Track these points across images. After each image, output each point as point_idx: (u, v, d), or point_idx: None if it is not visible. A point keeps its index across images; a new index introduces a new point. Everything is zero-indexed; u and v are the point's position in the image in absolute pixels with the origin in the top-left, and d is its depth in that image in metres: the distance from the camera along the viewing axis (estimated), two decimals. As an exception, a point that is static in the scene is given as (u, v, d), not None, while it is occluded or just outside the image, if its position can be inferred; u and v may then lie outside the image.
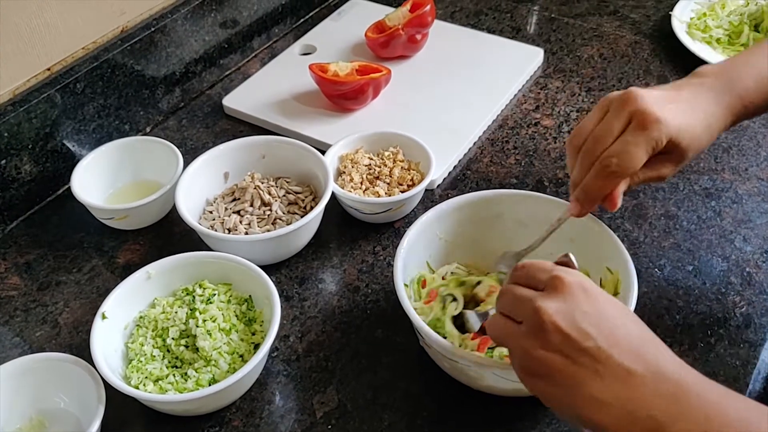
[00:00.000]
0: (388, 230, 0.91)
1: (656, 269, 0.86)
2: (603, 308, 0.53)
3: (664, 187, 0.95)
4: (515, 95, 1.12)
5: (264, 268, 0.80)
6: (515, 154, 1.02)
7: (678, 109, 0.66)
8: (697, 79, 0.72)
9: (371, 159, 0.93)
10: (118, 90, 1.01)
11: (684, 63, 1.16)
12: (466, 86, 1.11)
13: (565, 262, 0.61)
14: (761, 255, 0.86)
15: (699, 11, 1.24)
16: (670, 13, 1.24)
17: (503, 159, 1.01)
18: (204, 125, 1.09)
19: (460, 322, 0.72)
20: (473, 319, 0.71)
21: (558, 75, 1.16)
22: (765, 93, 0.71)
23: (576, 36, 1.24)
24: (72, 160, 0.97)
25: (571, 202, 0.72)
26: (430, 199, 0.95)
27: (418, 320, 0.68)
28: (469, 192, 0.95)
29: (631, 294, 0.69)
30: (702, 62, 1.13)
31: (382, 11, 1.24)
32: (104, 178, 0.94)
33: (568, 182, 0.96)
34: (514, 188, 0.96)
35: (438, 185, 0.97)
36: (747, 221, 0.91)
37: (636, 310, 0.65)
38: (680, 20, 1.22)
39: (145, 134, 1.07)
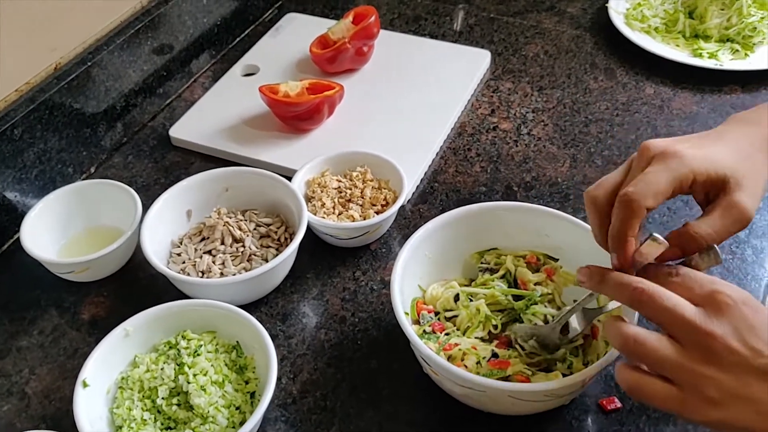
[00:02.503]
0: (365, 253, 0.89)
1: (638, 266, 0.86)
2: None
3: (631, 182, 0.96)
4: (469, 100, 1.10)
5: (242, 308, 0.76)
6: (479, 162, 1.00)
7: (697, 144, 0.62)
8: (719, 126, 0.68)
9: (340, 181, 0.90)
10: (58, 132, 0.94)
11: (627, 54, 1.17)
12: (419, 95, 1.09)
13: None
14: (733, 240, 0.88)
15: (633, 1, 1.26)
16: (606, 5, 1.25)
17: (468, 167, 1.00)
18: (152, 160, 1.03)
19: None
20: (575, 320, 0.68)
21: (507, 76, 1.15)
22: None
23: (518, 35, 1.24)
24: (15, 212, 0.90)
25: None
26: (402, 215, 0.93)
27: (426, 350, 0.66)
28: (439, 205, 0.94)
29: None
30: (644, 52, 1.15)
31: (322, 24, 1.21)
32: (56, 228, 0.87)
33: (537, 186, 0.96)
34: (484, 196, 0.95)
35: (408, 200, 0.95)
36: (715, 208, 0.92)
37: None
38: (617, 11, 1.24)
39: (90, 175, 1.00)
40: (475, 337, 0.73)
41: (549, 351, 0.70)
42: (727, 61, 1.13)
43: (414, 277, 0.77)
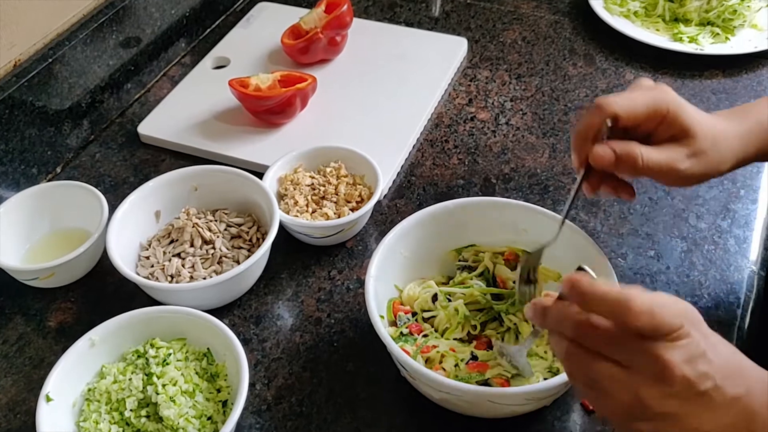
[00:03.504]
0: (340, 251, 0.86)
1: (619, 258, 0.84)
2: (714, 343, 0.51)
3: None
4: (446, 90, 1.08)
5: (214, 311, 0.74)
6: (457, 153, 0.98)
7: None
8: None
9: (313, 177, 0.88)
10: (20, 132, 0.90)
11: (607, 39, 1.15)
12: (395, 86, 1.07)
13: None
14: (715, 231, 0.86)
15: (612, -15, 1.24)
16: (585, -11, 1.23)
17: (446, 160, 0.97)
18: (121, 158, 1.00)
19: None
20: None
21: (485, 64, 1.12)
22: None
23: (496, 21, 1.21)
24: (-23, 217, 0.87)
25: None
26: (378, 211, 0.91)
27: (402, 355, 0.64)
28: (416, 199, 0.92)
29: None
30: (623, 37, 1.13)
31: (294, 13, 1.17)
32: (19, 233, 0.84)
33: (516, 178, 0.94)
34: (462, 189, 0.93)
35: (384, 195, 0.93)
36: (696, 197, 0.90)
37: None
38: (595, -4, 1.22)
39: (56, 175, 0.97)
40: (454, 339, 0.71)
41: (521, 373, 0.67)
42: (707, 45, 1.11)
43: (390, 277, 0.74)
